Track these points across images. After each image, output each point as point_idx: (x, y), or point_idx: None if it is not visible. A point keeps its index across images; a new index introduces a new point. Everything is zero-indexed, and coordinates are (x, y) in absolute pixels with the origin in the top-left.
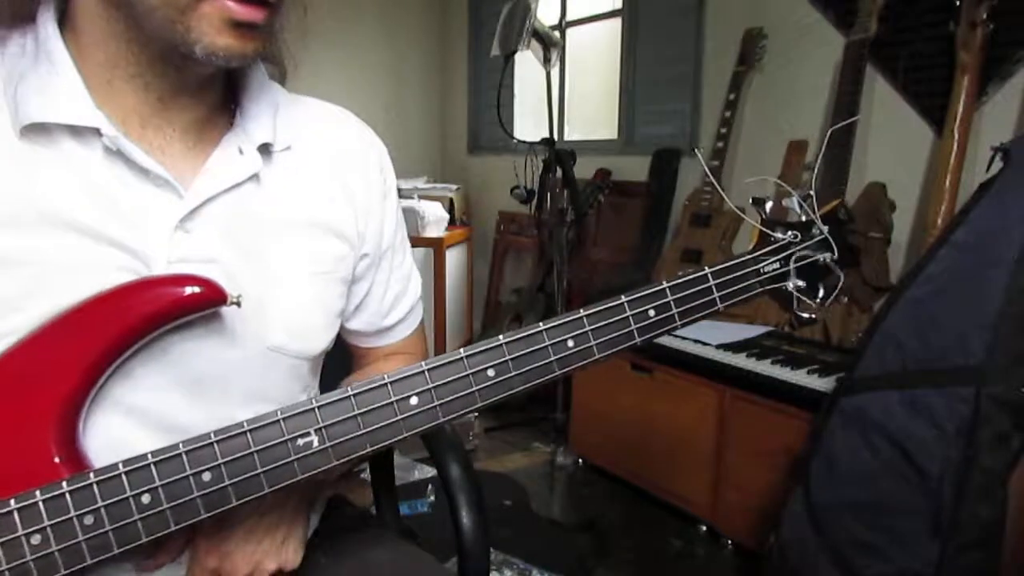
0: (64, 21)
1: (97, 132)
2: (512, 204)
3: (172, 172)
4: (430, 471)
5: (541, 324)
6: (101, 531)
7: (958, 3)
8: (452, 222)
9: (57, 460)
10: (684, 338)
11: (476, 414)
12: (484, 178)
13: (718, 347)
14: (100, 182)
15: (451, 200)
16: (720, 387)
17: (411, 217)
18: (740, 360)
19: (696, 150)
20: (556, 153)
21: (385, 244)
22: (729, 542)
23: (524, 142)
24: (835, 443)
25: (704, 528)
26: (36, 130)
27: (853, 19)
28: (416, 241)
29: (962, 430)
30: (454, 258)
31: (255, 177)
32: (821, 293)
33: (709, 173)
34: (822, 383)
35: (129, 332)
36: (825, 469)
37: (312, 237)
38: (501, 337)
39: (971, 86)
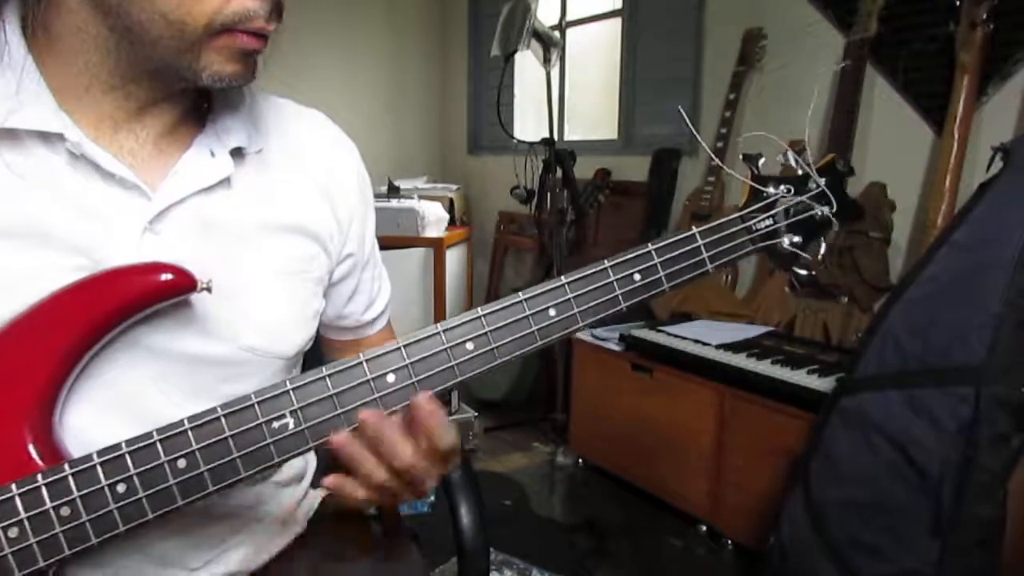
0: (31, 23)
1: (61, 137)
2: (512, 204)
3: (141, 175)
4: None
5: (521, 294)
6: (78, 522)
7: (958, 3)
8: (452, 222)
9: (34, 454)
10: (684, 338)
11: (476, 414)
12: (484, 178)
13: (718, 347)
14: (67, 186)
15: (451, 200)
16: (720, 387)
17: (411, 217)
18: (740, 360)
19: (679, 108)
20: (556, 153)
21: (369, 245)
22: (729, 542)
23: (524, 142)
24: (835, 443)
25: (704, 528)
26: (3, 135)
27: (853, 19)
28: (416, 241)
29: (962, 430)
30: (454, 258)
31: (226, 180)
32: (823, 249)
33: (689, 123)
34: (822, 383)
35: (99, 322)
36: (825, 469)
37: (284, 239)
38: (479, 309)
39: (971, 86)
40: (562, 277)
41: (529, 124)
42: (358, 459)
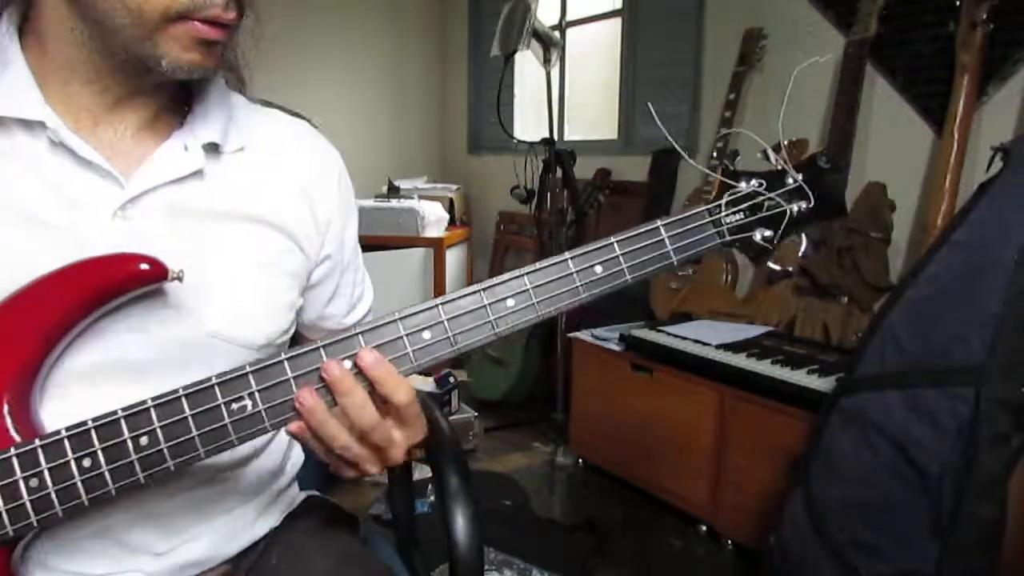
0: (24, 24)
1: (43, 125)
2: (512, 204)
3: (118, 165)
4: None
5: (478, 284)
6: (43, 493)
7: (958, 3)
8: (452, 222)
9: (12, 430)
10: (684, 338)
11: (476, 414)
12: (484, 178)
13: (718, 347)
14: (46, 172)
15: (451, 200)
16: (720, 387)
17: (411, 217)
18: (740, 360)
19: (648, 105)
20: (556, 153)
21: (349, 249)
22: (729, 542)
23: (524, 142)
24: (835, 443)
25: (704, 528)
26: None
27: (853, 19)
28: (416, 241)
29: (962, 430)
30: (454, 258)
31: (199, 173)
32: (804, 245)
33: (658, 119)
34: (822, 383)
35: (78, 306)
36: (825, 469)
37: (256, 230)
38: (437, 299)
39: (971, 86)
40: (522, 268)
41: (529, 124)
42: (323, 422)
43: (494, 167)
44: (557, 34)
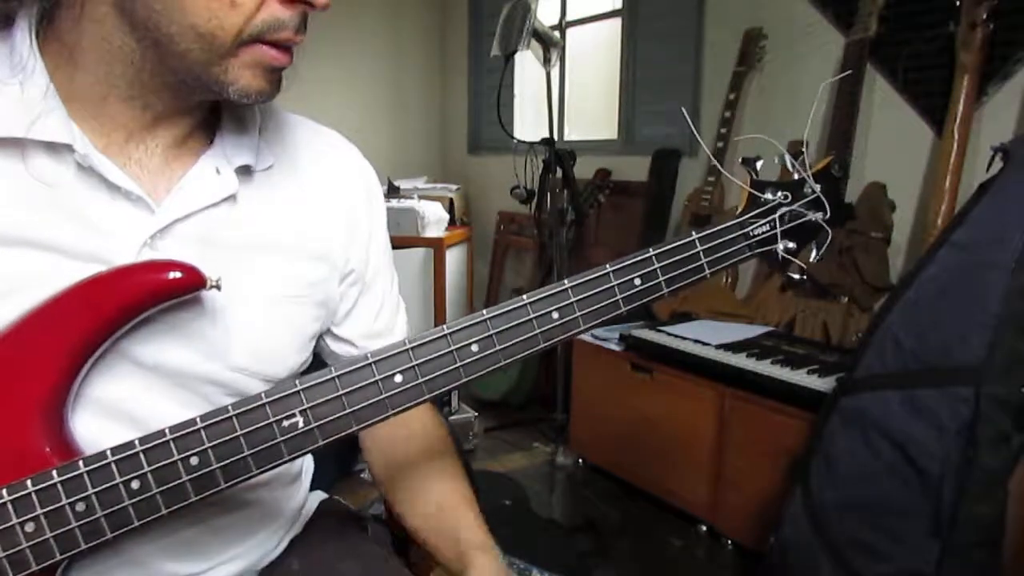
0: (45, 30)
1: (70, 148)
2: (512, 204)
3: (146, 187)
4: None
5: (525, 297)
6: (93, 517)
7: (958, 3)
8: (452, 222)
9: (47, 449)
10: (684, 338)
11: (476, 414)
12: (484, 178)
13: (718, 347)
14: (72, 198)
15: (451, 200)
16: (720, 387)
17: (411, 217)
18: (740, 360)
19: (682, 110)
20: (556, 153)
21: (372, 270)
22: (729, 542)
23: (524, 142)
24: (835, 443)
25: (704, 528)
26: (7, 143)
27: (853, 19)
28: (416, 241)
29: (962, 430)
30: (454, 258)
31: (231, 198)
32: (814, 253)
33: (692, 125)
34: (822, 383)
35: (110, 318)
36: (825, 469)
37: (288, 259)
38: (484, 312)
39: (971, 86)
40: (565, 281)
41: (529, 124)
42: None
43: (494, 167)
44: (557, 34)
